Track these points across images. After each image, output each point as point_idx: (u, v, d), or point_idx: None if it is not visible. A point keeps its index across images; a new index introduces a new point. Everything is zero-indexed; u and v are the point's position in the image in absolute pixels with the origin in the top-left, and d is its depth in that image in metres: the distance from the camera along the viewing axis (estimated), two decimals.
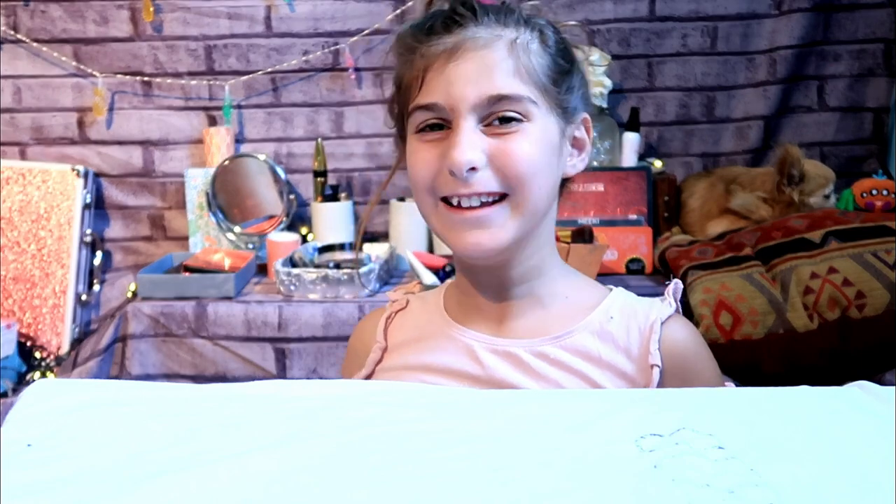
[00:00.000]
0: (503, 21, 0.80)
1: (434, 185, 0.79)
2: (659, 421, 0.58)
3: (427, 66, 0.79)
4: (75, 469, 0.52)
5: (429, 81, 0.79)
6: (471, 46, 0.78)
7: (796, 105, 2.37)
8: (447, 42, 0.79)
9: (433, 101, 0.78)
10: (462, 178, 0.76)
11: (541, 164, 0.79)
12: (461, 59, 0.78)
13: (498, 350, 0.82)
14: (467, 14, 0.80)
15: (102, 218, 2.38)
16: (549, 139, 0.80)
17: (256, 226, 2.34)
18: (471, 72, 0.77)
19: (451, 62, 0.78)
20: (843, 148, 2.39)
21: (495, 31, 0.79)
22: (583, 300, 0.85)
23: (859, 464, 0.52)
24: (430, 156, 0.79)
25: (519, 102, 0.77)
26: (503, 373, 0.81)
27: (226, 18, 2.31)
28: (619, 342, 0.81)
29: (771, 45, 2.31)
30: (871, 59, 2.34)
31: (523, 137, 0.78)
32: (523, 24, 0.81)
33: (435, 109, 0.79)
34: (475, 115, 0.77)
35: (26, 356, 2.15)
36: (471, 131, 0.77)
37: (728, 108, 2.37)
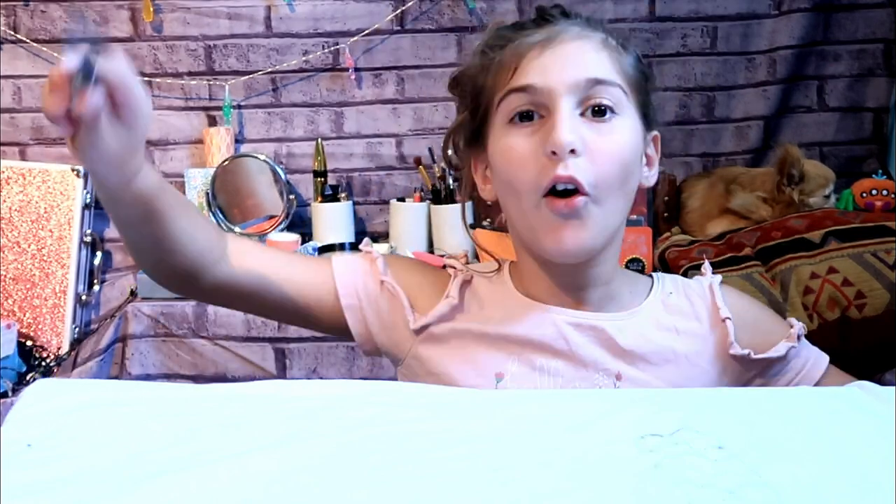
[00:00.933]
0: (591, 25, 0.83)
1: (533, 177, 0.78)
2: (659, 421, 0.58)
3: (521, 53, 0.80)
4: (75, 469, 0.52)
5: (523, 67, 0.79)
6: (567, 38, 0.79)
7: (796, 105, 2.37)
8: (540, 35, 0.80)
9: (529, 83, 0.78)
10: (564, 157, 0.75)
11: (631, 162, 0.81)
12: (558, 47, 0.79)
13: (582, 324, 0.83)
14: (557, 14, 0.83)
15: (102, 218, 2.38)
16: (637, 138, 0.82)
17: (256, 226, 2.34)
18: (569, 55, 0.78)
19: (547, 49, 0.79)
20: (843, 148, 2.39)
21: (587, 30, 0.82)
22: (639, 290, 0.89)
23: (859, 464, 0.52)
24: (526, 144, 0.79)
25: (614, 88, 0.79)
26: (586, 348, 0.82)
27: (226, 18, 2.31)
28: (685, 311, 0.86)
29: (771, 45, 2.31)
30: (871, 59, 2.34)
31: (617, 130, 0.79)
32: (608, 31, 0.84)
33: (530, 91, 0.78)
34: (572, 99, 0.78)
35: (26, 356, 2.15)
36: (570, 113, 0.77)
37: (728, 108, 2.37)
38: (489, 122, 0.84)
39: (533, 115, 0.79)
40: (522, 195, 0.79)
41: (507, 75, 0.80)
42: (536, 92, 0.78)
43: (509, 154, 0.80)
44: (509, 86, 0.80)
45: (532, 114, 0.79)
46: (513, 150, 0.80)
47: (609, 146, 0.78)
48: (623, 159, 0.79)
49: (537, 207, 0.78)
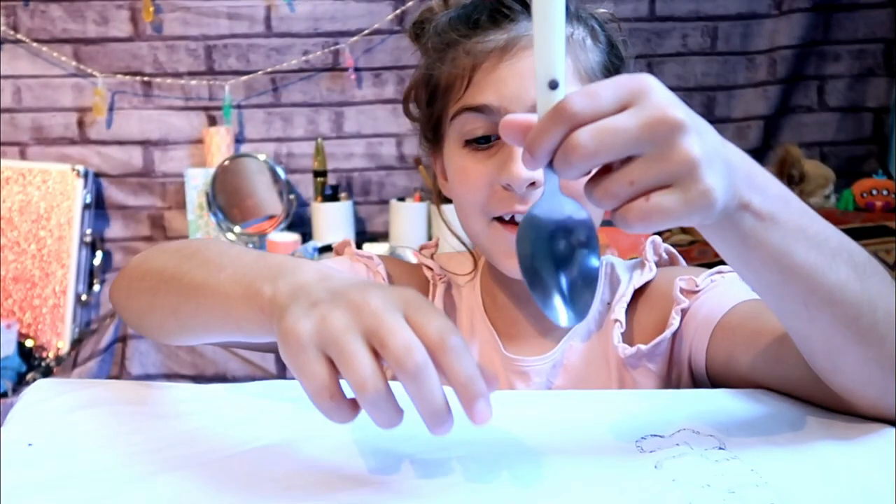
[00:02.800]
0: None
1: (486, 204, 0.73)
2: (659, 421, 0.58)
3: (475, 63, 0.72)
4: (75, 469, 0.52)
5: (478, 81, 0.72)
6: (526, 44, 0.71)
7: (796, 105, 2.37)
8: (498, 38, 0.72)
9: (484, 102, 0.71)
10: (521, 193, 0.70)
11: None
12: (515, 56, 0.71)
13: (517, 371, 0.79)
14: (517, 7, 0.73)
15: (102, 218, 2.38)
16: None
17: (256, 226, 2.34)
18: (526, 71, 0.70)
19: (503, 60, 0.71)
20: (843, 148, 2.39)
21: None
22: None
23: (859, 464, 0.52)
24: (481, 171, 0.72)
25: None
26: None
27: (226, 18, 2.31)
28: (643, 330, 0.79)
29: (771, 45, 2.31)
30: (871, 59, 2.34)
31: None
32: (575, 17, 0.75)
33: (485, 111, 0.71)
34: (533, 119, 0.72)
35: (26, 356, 2.16)
36: None
37: (728, 108, 2.37)
38: (444, 126, 0.77)
39: (490, 138, 0.72)
40: (476, 217, 0.75)
41: (461, 85, 0.73)
42: (492, 112, 0.71)
43: (464, 176, 0.74)
44: (463, 102, 0.73)
45: (489, 136, 0.72)
46: (467, 173, 0.74)
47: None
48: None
49: (490, 228, 0.74)
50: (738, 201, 0.47)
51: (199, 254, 0.61)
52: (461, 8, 0.77)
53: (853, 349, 0.54)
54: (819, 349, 0.56)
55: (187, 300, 0.58)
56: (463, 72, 0.73)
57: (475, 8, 0.75)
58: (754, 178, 0.49)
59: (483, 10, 0.74)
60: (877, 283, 0.54)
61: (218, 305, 0.55)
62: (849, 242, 0.54)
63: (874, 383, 0.55)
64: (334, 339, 0.44)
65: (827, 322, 0.53)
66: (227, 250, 0.60)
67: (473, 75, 0.72)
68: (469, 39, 0.73)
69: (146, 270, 0.65)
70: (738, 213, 0.48)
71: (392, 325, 0.43)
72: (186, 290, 0.58)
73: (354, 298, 0.45)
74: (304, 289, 0.48)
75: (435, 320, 0.44)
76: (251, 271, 0.53)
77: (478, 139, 0.73)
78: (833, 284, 0.51)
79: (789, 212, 0.50)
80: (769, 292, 0.55)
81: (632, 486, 0.48)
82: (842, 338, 0.54)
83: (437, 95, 0.77)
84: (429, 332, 0.44)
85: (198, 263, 0.59)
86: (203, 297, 0.57)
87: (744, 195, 0.47)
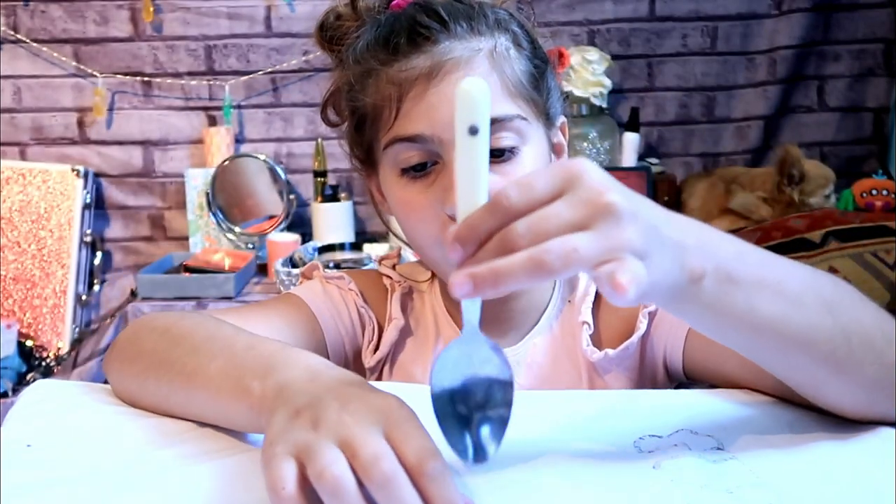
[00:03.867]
0: (476, 28, 0.71)
1: (436, 233, 0.71)
2: (657, 421, 0.58)
3: (401, 93, 0.70)
4: (75, 469, 0.52)
5: (407, 111, 0.70)
6: (451, 67, 0.69)
7: (796, 105, 2.37)
8: (422, 64, 0.70)
9: (417, 133, 0.70)
10: None
11: None
12: (442, 82, 0.69)
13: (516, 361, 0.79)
14: (435, 26, 0.70)
15: (102, 218, 2.38)
16: (544, 158, 0.74)
17: (256, 226, 2.34)
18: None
19: (430, 87, 0.69)
20: (843, 148, 2.39)
21: (471, 42, 0.71)
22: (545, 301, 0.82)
23: (859, 464, 0.52)
24: (423, 201, 0.71)
25: (511, 123, 0.70)
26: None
27: (226, 18, 2.31)
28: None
29: (771, 45, 2.31)
30: (871, 59, 2.34)
31: (521, 168, 0.71)
32: (495, 27, 0.73)
33: (419, 140, 0.70)
34: None
35: (26, 356, 2.15)
36: None
37: (728, 108, 2.37)
38: (377, 152, 0.75)
39: (426, 164, 0.71)
40: (432, 248, 0.73)
41: (389, 114, 0.71)
42: (426, 141, 0.70)
43: (408, 209, 0.73)
44: (394, 132, 0.71)
45: (425, 164, 0.71)
46: (411, 206, 0.72)
47: None
48: None
49: (444, 258, 0.73)
50: (689, 275, 0.46)
51: (187, 338, 0.61)
52: (376, 29, 0.74)
53: (834, 380, 0.54)
54: (801, 384, 0.57)
55: (178, 390, 0.59)
56: (389, 101, 0.71)
57: (392, 30, 0.72)
58: (706, 246, 0.48)
59: (401, 31, 0.71)
60: (847, 310, 0.54)
61: (210, 399, 0.55)
62: (812, 276, 0.54)
63: (859, 403, 0.56)
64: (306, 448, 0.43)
65: (805, 363, 0.53)
66: (216, 334, 0.60)
67: (401, 105, 0.70)
68: (391, 67, 0.71)
69: (136, 353, 0.65)
70: (695, 286, 0.47)
71: (364, 437, 0.43)
72: (177, 379, 0.58)
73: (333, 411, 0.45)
74: (289, 389, 0.48)
75: (414, 440, 0.43)
76: (242, 363, 0.53)
77: (414, 167, 0.72)
78: (804, 327, 0.51)
79: (746, 267, 0.50)
80: (744, 349, 0.55)
81: (631, 487, 0.48)
82: (822, 373, 0.54)
83: (366, 123, 0.75)
84: (406, 454, 0.43)
85: (187, 350, 0.59)
86: (194, 389, 0.57)
87: (695, 267, 0.46)
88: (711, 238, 0.49)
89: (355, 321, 0.83)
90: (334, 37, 0.79)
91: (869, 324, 0.55)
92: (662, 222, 0.46)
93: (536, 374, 0.79)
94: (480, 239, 0.44)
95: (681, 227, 0.47)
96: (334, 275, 0.84)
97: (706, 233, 0.49)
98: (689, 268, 0.46)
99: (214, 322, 0.63)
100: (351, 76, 0.75)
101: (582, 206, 0.43)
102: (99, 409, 0.63)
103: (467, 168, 0.45)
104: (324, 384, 0.48)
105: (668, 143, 2.40)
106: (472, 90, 0.45)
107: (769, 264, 0.52)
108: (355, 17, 0.77)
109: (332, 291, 0.83)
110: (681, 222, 0.48)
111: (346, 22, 0.78)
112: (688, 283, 0.46)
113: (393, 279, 0.85)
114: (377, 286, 0.86)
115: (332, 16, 0.79)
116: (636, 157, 2.26)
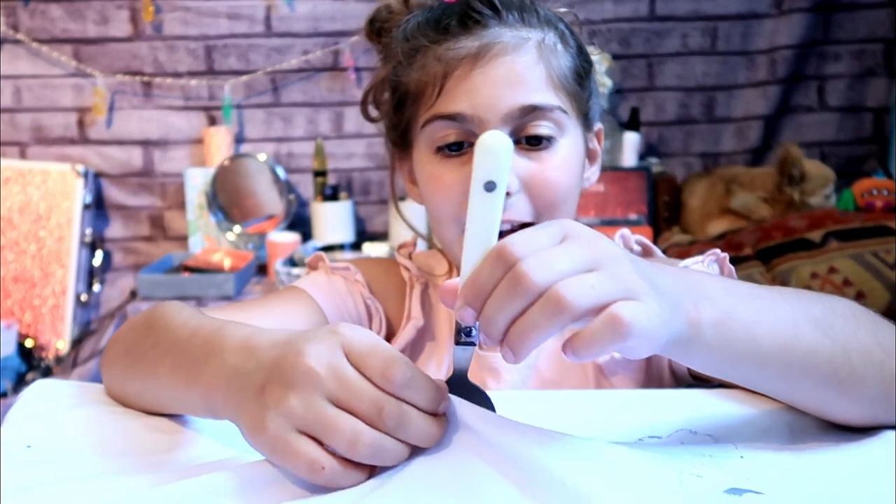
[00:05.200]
0: (527, 20, 0.73)
1: (459, 213, 0.71)
2: (657, 422, 0.58)
3: (447, 71, 0.71)
4: (75, 469, 0.52)
5: (450, 89, 0.71)
6: (499, 51, 0.70)
7: (796, 105, 2.37)
8: (470, 45, 0.71)
9: (457, 111, 0.70)
10: None
11: (572, 187, 0.74)
12: (488, 64, 0.70)
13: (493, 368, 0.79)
14: (487, 12, 0.72)
15: (102, 218, 2.38)
16: (578, 155, 0.75)
17: (256, 226, 2.34)
18: (500, 78, 0.70)
19: (476, 68, 0.70)
20: (843, 148, 2.39)
21: (520, 32, 0.72)
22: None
23: (859, 464, 0.52)
24: (453, 179, 0.72)
25: (551, 113, 0.71)
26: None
27: (226, 18, 2.31)
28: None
29: (771, 45, 2.31)
30: (871, 59, 2.34)
31: (557, 158, 0.72)
32: (545, 22, 0.74)
33: (459, 119, 0.70)
34: (506, 129, 0.70)
35: (26, 356, 2.16)
36: None
37: (728, 108, 2.37)
38: (413, 132, 0.76)
39: (462, 144, 0.72)
40: (449, 227, 0.74)
41: (432, 92, 0.72)
42: (466, 121, 0.70)
43: (436, 185, 0.73)
44: (435, 109, 0.72)
45: (461, 143, 0.72)
46: (440, 181, 0.73)
47: (548, 176, 0.71)
48: (564, 185, 0.72)
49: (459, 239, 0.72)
50: (688, 320, 0.46)
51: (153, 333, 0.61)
52: (428, 11, 0.75)
53: (838, 398, 0.54)
54: (806, 406, 0.57)
55: (148, 387, 0.60)
56: (434, 79, 0.72)
57: (444, 12, 0.74)
58: (697, 289, 0.48)
59: (452, 14, 0.73)
60: (841, 327, 0.54)
61: (169, 391, 0.56)
62: (800, 299, 0.54)
63: (863, 415, 0.56)
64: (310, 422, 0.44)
65: (809, 386, 0.53)
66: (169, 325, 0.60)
67: (445, 83, 0.71)
68: (439, 45, 0.72)
69: (119, 353, 0.66)
70: (695, 331, 0.46)
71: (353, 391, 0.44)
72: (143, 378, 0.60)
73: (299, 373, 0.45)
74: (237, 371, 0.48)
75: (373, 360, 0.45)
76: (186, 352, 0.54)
77: (449, 145, 0.72)
78: (804, 352, 0.51)
79: (739, 302, 0.50)
80: (748, 383, 0.55)
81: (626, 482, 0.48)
82: (826, 394, 0.54)
83: (407, 102, 0.76)
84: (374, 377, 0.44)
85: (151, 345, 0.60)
86: (157, 383, 0.58)
87: (691, 313, 0.46)
88: (701, 281, 0.50)
89: (361, 313, 0.82)
90: (383, 29, 0.80)
91: (865, 338, 0.55)
92: (655, 272, 0.46)
93: (545, 378, 0.79)
94: (487, 295, 0.43)
95: (671, 275, 0.48)
96: (340, 265, 0.84)
97: (694, 276, 0.50)
98: (687, 314, 0.46)
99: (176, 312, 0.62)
100: (399, 53, 0.75)
101: (587, 249, 0.43)
102: (99, 409, 0.63)
103: (479, 223, 0.44)
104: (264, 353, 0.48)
105: (669, 142, 2.40)
106: (494, 144, 0.43)
107: (758, 295, 0.52)
108: (406, 10, 0.78)
109: (337, 282, 0.82)
110: (668, 270, 0.48)
111: (396, 16, 0.79)
112: (688, 329, 0.46)
113: (412, 272, 0.84)
114: (390, 275, 0.85)
115: (384, 9, 0.80)
116: (636, 157, 2.27)
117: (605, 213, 2.18)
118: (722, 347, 0.48)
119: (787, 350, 0.50)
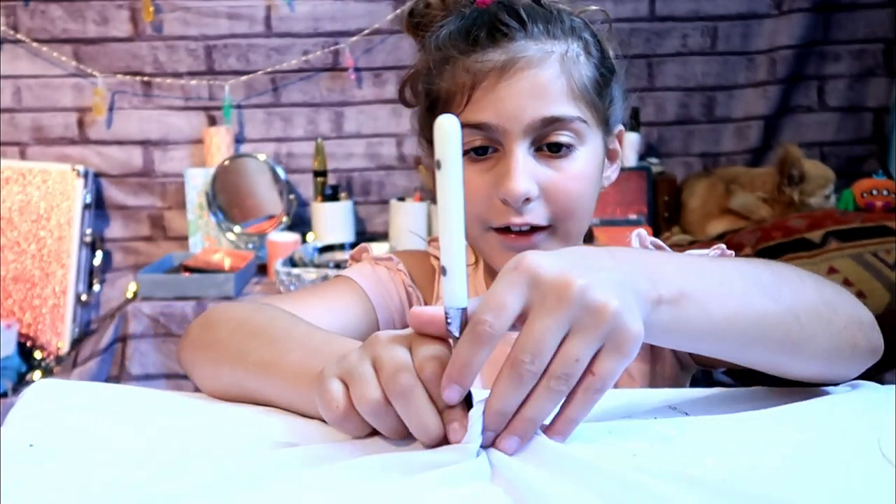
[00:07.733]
0: (552, 32, 0.76)
1: (483, 214, 0.76)
2: (656, 421, 0.58)
3: (475, 82, 0.75)
4: (75, 469, 0.52)
5: (477, 99, 0.75)
6: (524, 64, 0.74)
7: (796, 105, 2.37)
8: (497, 58, 0.74)
9: (483, 121, 0.74)
10: (517, 208, 0.74)
11: (590, 191, 0.78)
12: (513, 77, 0.74)
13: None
14: (515, 25, 0.75)
15: (102, 218, 2.38)
16: (597, 161, 0.79)
17: (256, 226, 2.34)
18: (524, 91, 0.74)
19: (502, 80, 0.74)
20: (843, 148, 2.39)
21: (545, 45, 0.76)
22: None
23: (858, 464, 0.52)
24: (479, 182, 0.76)
25: (571, 124, 0.75)
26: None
27: (226, 18, 2.31)
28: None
29: (771, 45, 2.31)
30: (871, 59, 2.34)
31: (575, 165, 0.76)
32: (570, 32, 0.78)
33: (484, 129, 0.75)
34: (528, 139, 0.74)
35: (26, 356, 2.16)
36: (525, 158, 0.74)
37: (728, 108, 2.37)
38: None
39: (487, 149, 0.76)
40: (473, 226, 0.77)
41: (460, 100, 0.76)
42: (491, 130, 0.74)
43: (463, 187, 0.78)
44: (462, 118, 0.74)
45: (487, 148, 0.76)
46: (466, 185, 0.73)
47: (567, 184, 0.75)
48: (583, 191, 0.77)
49: (486, 235, 0.77)
50: (649, 304, 0.49)
51: (264, 332, 0.66)
52: (460, 20, 0.79)
53: (793, 359, 0.58)
54: (764, 368, 0.61)
55: (253, 378, 0.63)
56: (462, 88, 0.76)
57: (474, 23, 0.77)
58: (652, 273, 0.51)
59: (482, 26, 0.76)
60: (788, 290, 0.58)
61: (287, 387, 0.60)
62: (747, 266, 0.58)
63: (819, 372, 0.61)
64: (348, 369, 0.50)
65: (763, 351, 0.57)
66: (292, 329, 0.66)
67: (473, 93, 0.75)
68: (468, 56, 0.76)
69: (211, 341, 0.70)
70: (656, 313, 0.50)
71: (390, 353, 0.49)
72: (253, 367, 0.63)
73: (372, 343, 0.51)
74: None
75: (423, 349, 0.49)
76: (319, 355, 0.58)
77: (476, 149, 0.76)
78: (755, 319, 0.55)
79: (689, 278, 0.53)
80: (710, 353, 0.58)
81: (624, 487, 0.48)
82: (781, 356, 0.58)
83: (437, 106, 0.79)
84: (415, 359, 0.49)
85: (264, 342, 0.64)
86: (270, 378, 0.61)
87: (650, 294, 0.50)
88: (654, 260, 0.53)
89: (403, 300, 0.88)
90: (420, 23, 0.84)
91: (811, 297, 0.59)
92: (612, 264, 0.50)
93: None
94: (475, 374, 0.47)
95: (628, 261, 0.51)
96: (383, 256, 0.90)
97: (648, 259, 0.53)
98: (646, 296, 0.49)
99: (290, 318, 0.69)
100: (430, 61, 0.80)
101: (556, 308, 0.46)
102: (99, 409, 0.63)
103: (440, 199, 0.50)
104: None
105: (669, 143, 2.40)
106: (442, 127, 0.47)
107: (710, 270, 0.55)
108: (443, 6, 0.82)
109: (381, 272, 0.88)
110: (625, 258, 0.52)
111: (433, 11, 0.82)
112: (652, 311, 0.49)
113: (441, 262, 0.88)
114: (424, 266, 0.91)
115: (422, 4, 0.84)
116: (636, 157, 2.27)
117: (606, 213, 2.18)
118: (679, 326, 0.52)
119: (739, 319, 0.54)
